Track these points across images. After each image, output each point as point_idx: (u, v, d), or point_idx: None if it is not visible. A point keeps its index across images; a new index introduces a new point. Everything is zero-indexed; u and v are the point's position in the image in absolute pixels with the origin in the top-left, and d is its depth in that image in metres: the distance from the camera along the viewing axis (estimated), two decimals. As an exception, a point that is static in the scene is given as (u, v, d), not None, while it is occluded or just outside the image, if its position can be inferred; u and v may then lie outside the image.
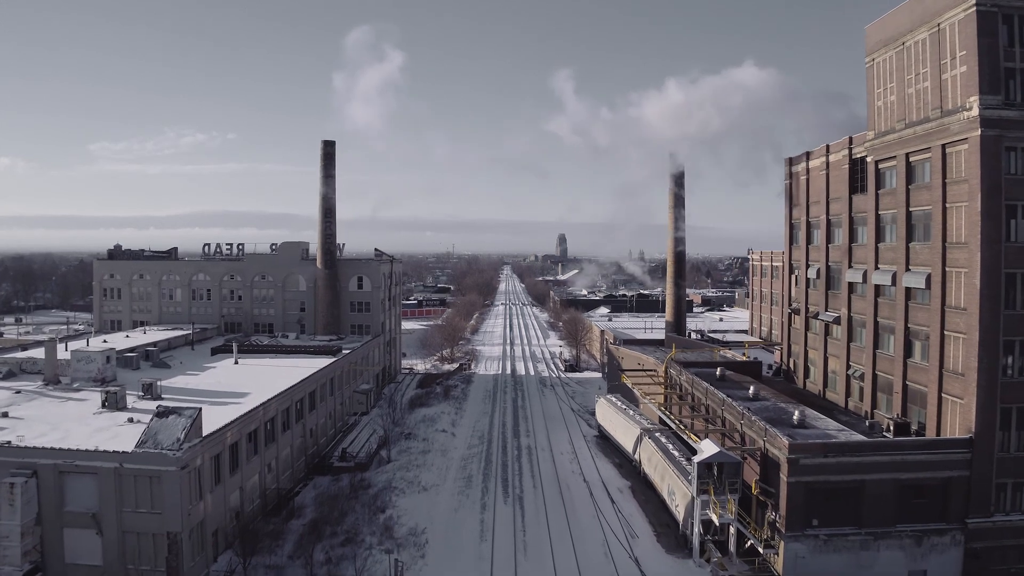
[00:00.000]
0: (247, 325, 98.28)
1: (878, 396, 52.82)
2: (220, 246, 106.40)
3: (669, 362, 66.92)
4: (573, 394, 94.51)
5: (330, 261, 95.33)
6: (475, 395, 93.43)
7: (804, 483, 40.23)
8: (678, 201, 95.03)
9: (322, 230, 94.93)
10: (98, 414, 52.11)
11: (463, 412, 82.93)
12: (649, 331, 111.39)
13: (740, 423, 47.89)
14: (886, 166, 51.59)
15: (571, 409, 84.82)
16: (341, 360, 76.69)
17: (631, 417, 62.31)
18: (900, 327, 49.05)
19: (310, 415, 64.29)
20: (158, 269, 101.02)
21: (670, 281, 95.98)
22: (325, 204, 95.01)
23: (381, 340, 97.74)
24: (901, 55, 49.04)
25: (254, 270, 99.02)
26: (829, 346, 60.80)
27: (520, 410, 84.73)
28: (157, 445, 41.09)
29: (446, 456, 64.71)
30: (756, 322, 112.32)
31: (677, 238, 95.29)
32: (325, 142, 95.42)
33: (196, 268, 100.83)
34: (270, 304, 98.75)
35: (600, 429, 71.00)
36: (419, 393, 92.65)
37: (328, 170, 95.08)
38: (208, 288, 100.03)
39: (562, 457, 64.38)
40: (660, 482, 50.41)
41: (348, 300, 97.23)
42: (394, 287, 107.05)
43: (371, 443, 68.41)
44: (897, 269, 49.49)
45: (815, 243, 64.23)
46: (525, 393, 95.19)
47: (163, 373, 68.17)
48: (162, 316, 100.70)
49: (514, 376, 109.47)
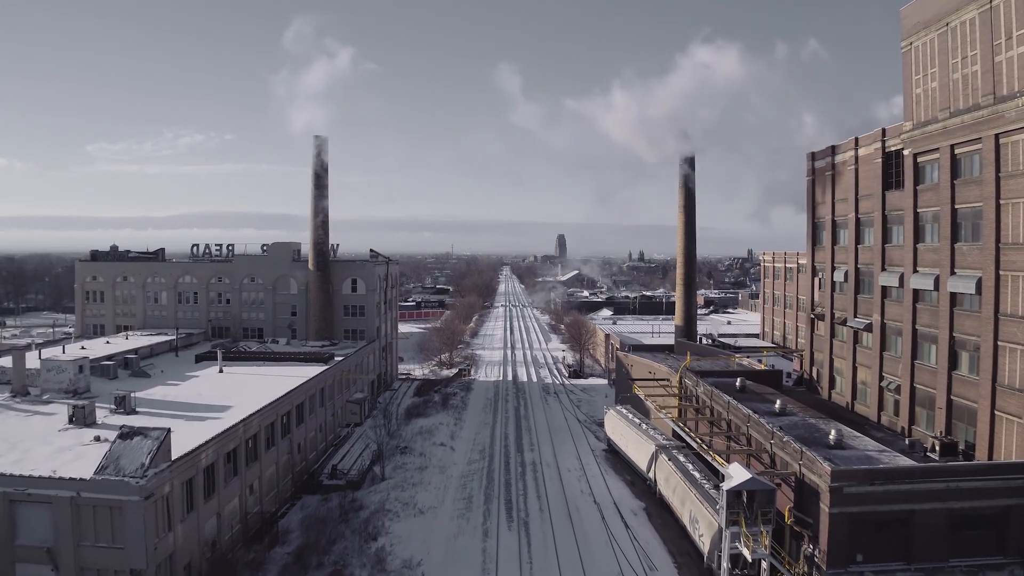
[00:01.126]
0: (236, 330, 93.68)
1: (916, 411, 48.38)
2: (209, 247, 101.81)
3: (683, 371, 62.45)
4: (578, 403, 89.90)
5: (322, 263, 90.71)
6: (475, 404, 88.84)
7: (848, 514, 35.72)
8: (688, 201, 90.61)
9: (314, 230, 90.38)
10: (63, 431, 47.62)
11: (463, 423, 78.34)
12: (657, 336, 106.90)
13: (770, 443, 43.38)
14: (926, 159, 47.11)
15: (577, 420, 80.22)
16: (333, 368, 72.13)
17: (644, 431, 57.78)
18: (944, 336, 44.59)
19: (298, 429, 59.73)
20: (143, 271, 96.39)
21: (680, 284, 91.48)
22: (317, 202, 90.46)
23: (376, 346, 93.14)
24: (944, 37, 44.58)
25: (243, 272, 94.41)
26: (859, 355, 56.35)
27: (523, 420, 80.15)
28: (119, 471, 36.53)
29: (445, 473, 60.13)
30: (768, 326, 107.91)
31: (687, 240, 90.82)
32: (316, 137, 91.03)
33: (182, 270, 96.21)
34: (260, 308, 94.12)
35: (609, 443, 66.46)
36: (416, 402, 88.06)
37: (319, 166, 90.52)
38: (195, 291, 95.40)
39: (569, 475, 59.82)
40: (680, 507, 45.87)
41: (341, 304, 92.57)
42: (390, 289, 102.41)
43: (364, 458, 63.83)
44: (940, 272, 45.04)
45: (842, 243, 59.78)
46: (528, 401, 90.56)
47: (141, 383, 63.70)
48: (147, 320, 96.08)
49: (516, 383, 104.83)
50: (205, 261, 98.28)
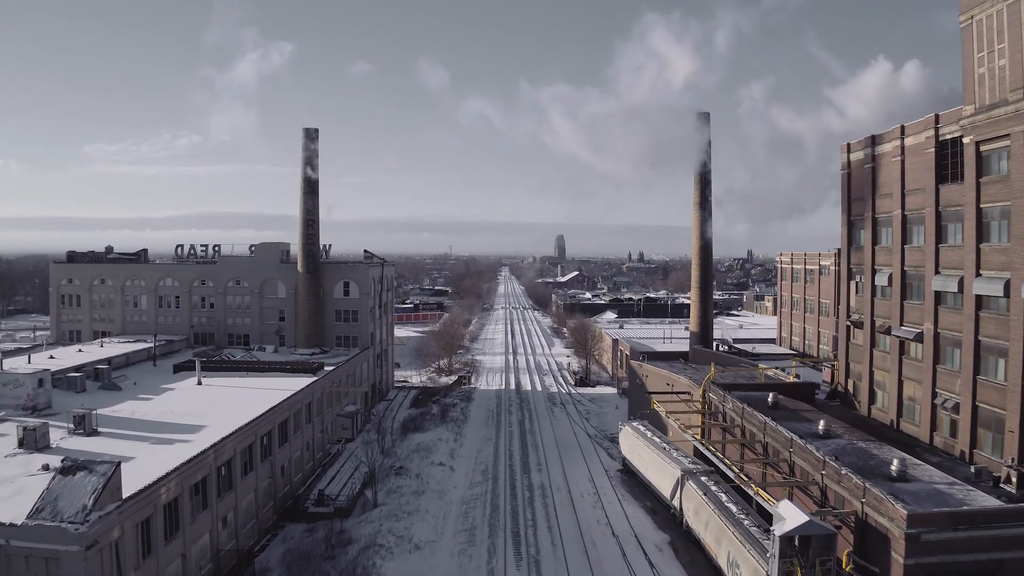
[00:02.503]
0: (220, 336, 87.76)
1: (979, 433, 42.52)
2: (195, 248, 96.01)
3: (708, 385, 56.70)
4: (587, 414, 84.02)
5: (312, 264, 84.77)
6: (476, 416, 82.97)
7: (926, 565, 30.01)
8: (703, 199, 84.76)
9: (303, 229, 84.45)
10: (10, 457, 41.79)
11: (463, 438, 72.43)
12: (669, 342, 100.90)
13: (820, 474, 37.63)
14: (992, 147, 41.26)
15: (587, 434, 74.35)
16: (322, 380, 66.24)
17: (666, 452, 51.95)
18: (1017, 349, 38.74)
19: (281, 450, 53.85)
20: (121, 273, 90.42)
21: (695, 287, 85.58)
22: (307, 200, 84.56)
23: (370, 353, 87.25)
24: (1015, 8, 38.78)
25: (228, 275, 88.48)
26: (906, 368, 50.49)
27: (528, 435, 74.27)
28: (56, 515, 30.64)
29: (444, 499, 54.25)
30: (785, 331, 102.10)
31: (703, 240, 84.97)
32: (307, 130, 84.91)
33: (163, 272, 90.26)
34: (246, 313, 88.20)
35: (625, 463, 60.62)
36: (413, 414, 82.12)
37: (309, 161, 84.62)
38: (176, 295, 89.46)
39: (583, 500, 53.94)
40: (715, 545, 40.04)
41: (333, 308, 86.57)
42: (385, 293, 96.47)
43: (355, 481, 57.93)
44: (1011, 276, 39.22)
45: (884, 243, 53.94)
46: (532, 413, 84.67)
47: (110, 398, 57.89)
48: (125, 326, 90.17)
49: (519, 392, 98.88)
50: (191, 263, 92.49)
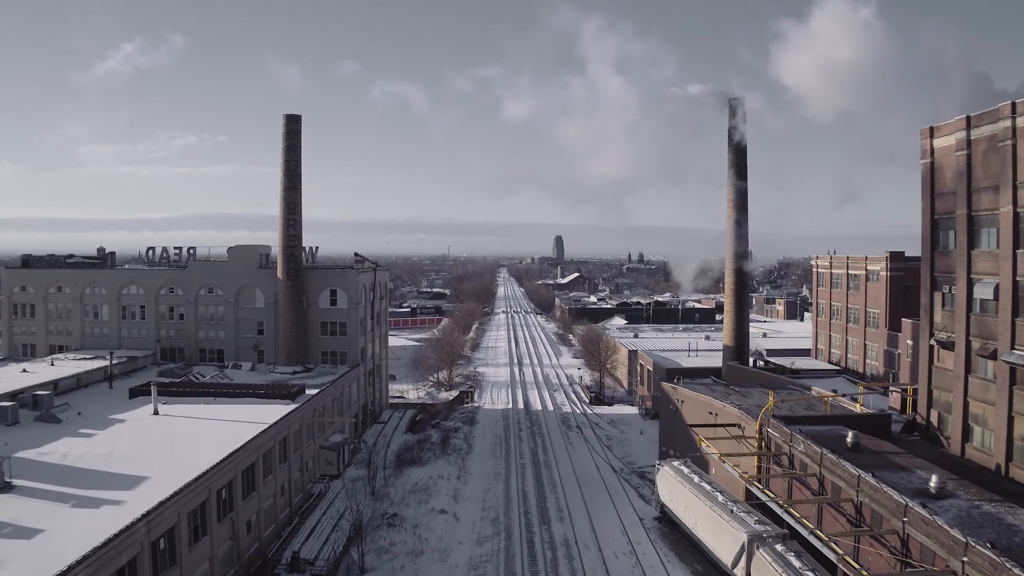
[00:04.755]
0: (190, 352, 77.58)
1: None
2: (167, 250, 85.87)
3: (766, 418, 46.79)
4: (608, 441, 73.91)
5: (294, 270, 74.51)
6: (482, 443, 72.82)
7: None
8: (739, 200, 74.92)
9: (283, 230, 74.20)
10: None
11: (467, 473, 62.32)
12: (695, 355, 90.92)
13: (961, 562, 27.66)
14: None
15: (611, 467, 64.25)
16: (302, 408, 56.16)
17: (722, 506, 41.89)
18: None
19: (246, 502, 43.70)
20: (80, 280, 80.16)
21: (729, 296, 75.73)
22: (287, 195, 74.32)
23: (361, 371, 77.11)
24: None
25: (199, 281, 78.29)
26: (1018, 401, 40.65)
27: (543, 468, 64.15)
28: None
29: (447, 561, 44.10)
30: (823, 342, 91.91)
31: (738, 246, 75.15)
32: (288, 116, 74.66)
33: (127, 279, 79.99)
34: (219, 325, 77.97)
35: (663, 509, 50.56)
36: (409, 441, 71.90)
37: (291, 153, 74.44)
38: (142, 304, 79.24)
39: (618, 563, 43.80)
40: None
41: (318, 320, 76.31)
42: (378, 301, 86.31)
43: (338, 536, 47.68)
44: None
45: (984, 247, 44.05)
46: (546, 440, 74.47)
47: (44, 433, 47.91)
48: (85, 340, 79.98)
49: (528, 411, 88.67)
50: (163, 267, 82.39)
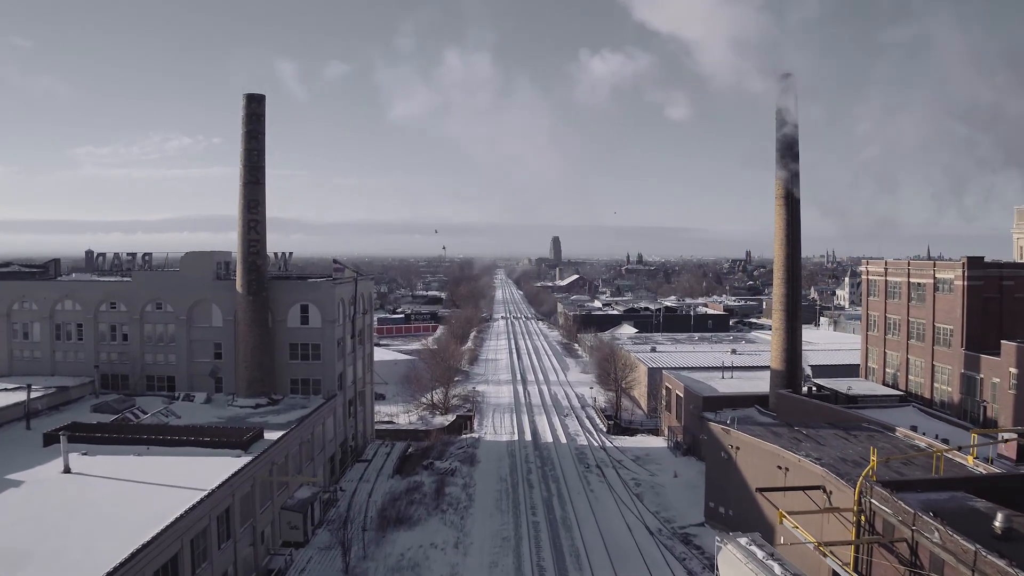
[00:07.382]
0: (136, 379, 64.93)
1: None
2: (119, 256, 73.42)
3: (867, 486, 34.66)
4: (637, 487, 61.20)
5: (256, 282, 61.72)
6: (484, 492, 60.05)
7: None
8: (787, 191, 62.66)
9: (243, 233, 61.42)
10: None
11: (468, 538, 49.71)
12: (730, 376, 78.42)
13: None
14: None
15: (646, 527, 51.67)
16: (256, 463, 43.65)
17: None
18: None
19: (159, 617, 31.23)
20: (7, 294, 67.37)
21: (779, 311, 63.19)
22: (248, 192, 61.68)
23: (339, 401, 64.51)
24: None
25: (145, 295, 65.58)
26: None
27: (562, 530, 51.53)
28: None
29: None
30: (875, 359, 79.73)
31: (790, 245, 62.84)
32: (248, 96, 61.85)
33: (61, 292, 67.22)
34: (170, 347, 65.21)
35: (729, 604, 38.13)
36: (397, 490, 59.05)
37: (252, 141, 61.79)
38: (78, 322, 66.56)
39: None
40: None
41: (287, 341, 63.53)
42: (361, 316, 73.57)
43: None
44: None
45: None
46: (561, 486, 61.64)
47: None
48: (13, 364, 67.29)
49: (537, 445, 75.81)
50: (106, 279, 69.81)
